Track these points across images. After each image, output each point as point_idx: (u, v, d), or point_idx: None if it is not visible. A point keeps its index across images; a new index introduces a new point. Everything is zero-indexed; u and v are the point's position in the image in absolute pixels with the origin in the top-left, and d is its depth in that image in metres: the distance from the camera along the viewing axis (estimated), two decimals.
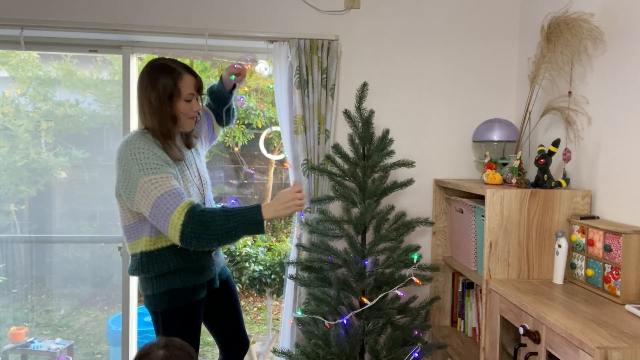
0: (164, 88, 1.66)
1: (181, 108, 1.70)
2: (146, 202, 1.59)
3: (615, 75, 1.76)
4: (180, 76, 1.68)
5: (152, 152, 1.62)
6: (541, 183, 1.84)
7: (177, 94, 1.67)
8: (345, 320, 1.86)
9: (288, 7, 2.38)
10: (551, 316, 1.37)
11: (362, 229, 1.98)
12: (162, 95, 1.66)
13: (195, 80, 1.72)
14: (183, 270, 1.73)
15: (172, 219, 1.56)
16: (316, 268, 2.00)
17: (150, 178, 1.59)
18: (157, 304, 1.73)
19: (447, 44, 2.47)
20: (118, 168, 1.65)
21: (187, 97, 1.70)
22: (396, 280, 1.91)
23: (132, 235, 1.72)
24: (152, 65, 1.70)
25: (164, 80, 1.66)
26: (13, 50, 2.39)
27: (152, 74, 1.67)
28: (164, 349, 1.38)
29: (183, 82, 1.68)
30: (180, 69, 1.70)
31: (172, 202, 1.57)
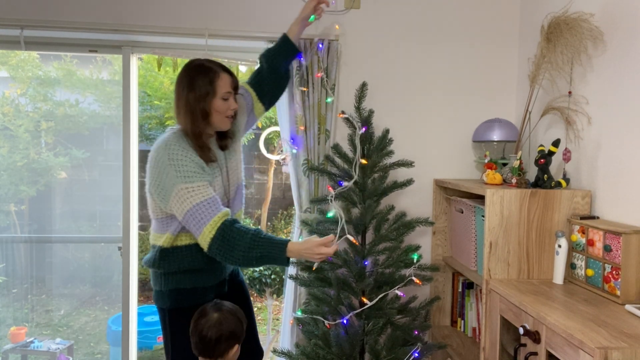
0: (201, 87, 1.67)
1: (218, 107, 1.70)
2: (180, 208, 1.62)
3: (615, 75, 1.76)
4: (217, 74, 1.69)
5: (190, 159, 1.64)
6: (541, 183, 1.84)
7: (214, 93, 1.68)
8: (345, 320, 1.86)
9: (288, 7, 2.38)
10: (551, 316, 1.37)
11: (362, 229, 1.98)
12: (200, 94, 1.67)
13: (232, 79, 1.73)
14: (193, 271, 1.74)
15: (204, 231, 1.60)
16: (316, 268, 2.00)
17: (187, 186, 1.61)
18: (165, 300, 1.74)
19: (447, 44, 2.47)
20: (152, 167, 1.67)
21: (224, 95, 1.71)
22: (396, 280, 1.91)
23: (159, 228, 1.74)
24: (190, 65, 1.72)
25: (201, 80, 1.67)
26: (13, 50, 2.39)
27: (189, 74, 1.69)
28: (218, 312, 1.58)
29: (220, 81, 1.69)
30: (216, 67, 1.71)
31: (207, 212, 1.60)
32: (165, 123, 4.75)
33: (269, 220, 4.97)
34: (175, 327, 1.74)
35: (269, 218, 4.87)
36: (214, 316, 1.58)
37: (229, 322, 1.59)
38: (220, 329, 1.56)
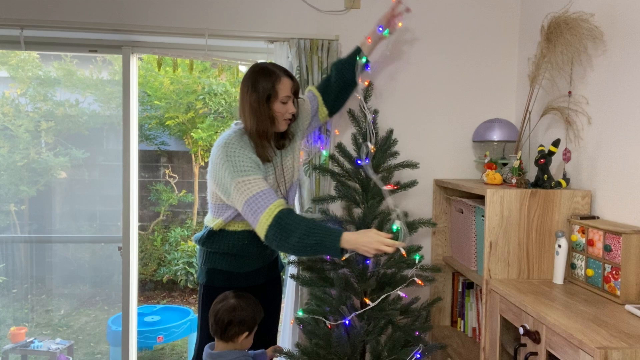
0: (264, 89, 1.77)
1: (277, 109, 1.80)
2: (240, 200, 1.70)
3: (615, 75, 1.76)
4: (278, 78, 1.78)
5: (247, 156, 1.74)
6: (541, 183, 1.84)
7: (275, 96, 1.78)
8: (346, 321, 1.86)
9: (288, 7, 2.38)
10: (551, 316, 1.37)
11: (364, 228, 1.98)
12: (262, 96, 1.76)
13: (293, 83, 1.82)
14: (230, 255, 1.85)
15: (261, 219, 1.67)
16: (318, 268, 2.00)
17: (243, 179, 1.70)
18: (201, 276, 1.90)
19: (447, 44, 2.47)
20: (213, 162, 1.78)
21: (284, 99, 1.79)
22: (398, 281, 1.91)
23: (214, 212, 1.85)
24: (254, 68, 1.81)
25: (263, 82, 1.77)
26: (13, 50, 2.39)
27: (253, 77, 1.79)
28: (235, 299, 1.71)
29: (281, 85, 1.78)
30: (279, 71, 1.80)
31: (262, 203, 1.68)
32: (165, 123, 4.76)
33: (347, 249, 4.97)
34: (207, 303, 1.85)
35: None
36: (230, 302, 1.71)
37: (243, 310, 1.69)
38: (233, 315, 1.68)
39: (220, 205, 1.82)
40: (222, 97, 4.69)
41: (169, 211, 5.01)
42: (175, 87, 4.69)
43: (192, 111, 4.72)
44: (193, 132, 4.70)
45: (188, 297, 4.81)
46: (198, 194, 5.08)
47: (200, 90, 4.67)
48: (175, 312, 4.24)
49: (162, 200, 4.87)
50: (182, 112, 4.73)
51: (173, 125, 4.79)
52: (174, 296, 4.85)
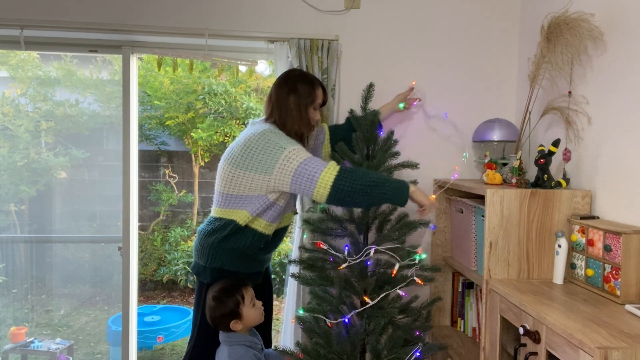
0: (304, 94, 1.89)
1: (310, 114, 1.92)
2: (288, 169, 1.73)
3: (615, 75, 1.76)
4: (316, 86, 1.93)
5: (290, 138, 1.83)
6: (541, 183, 1.84)
7: (312, 102, 1.91)
8: (346, 320, 1.86)
9: (288, 7, 2.38)
10: (551, 316, 1.37)
11: (364, 228, 1.98)
12: (302, 99, 1.89)
13: (324, 94, 1.98)
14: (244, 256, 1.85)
15: (321, 178, 1.71)
16: (318, 267, 2.00)
17: (294, 148, 1.76)
18: (207, 275, 1.86)
19: (447, 43, 2.47)
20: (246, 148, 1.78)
21: (316, 106, 1.94)
22: (398, 280, 1.91)
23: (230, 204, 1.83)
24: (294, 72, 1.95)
25: (304, 87, 1.90)
26: (13, 50, 2.39)
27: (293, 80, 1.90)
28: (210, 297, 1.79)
29: (317, 92, 1.93)
30: (315, 81, 1.95)
31: (317, 165, 1.73)
32: (165, 123, 4.75)
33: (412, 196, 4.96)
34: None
35: None
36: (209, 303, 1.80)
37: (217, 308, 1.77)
38: (214, 313, 1.78)
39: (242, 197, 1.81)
40: (222, 97, 4.69)
41: (169, 211, 5.01)
42: (175, 87, 4.69)
43: (192, 111, 4.72)
44: (193, 132, 4.70)
45: (188, 297, 4.81)
46: (198, 194, 5.08)
47: (200, 90, 4.67)
48: (175, 312, 4.25)
49: (162, 200, 4.87)
50: (182, 112, 4.73)
51: (173, 125, 4.79)
52: (174, 296, 4.85)
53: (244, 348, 1.77)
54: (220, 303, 1.76)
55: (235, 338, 1.79)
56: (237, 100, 4.73)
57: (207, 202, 5.13)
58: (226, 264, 1.84)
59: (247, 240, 1.83)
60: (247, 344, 1.79)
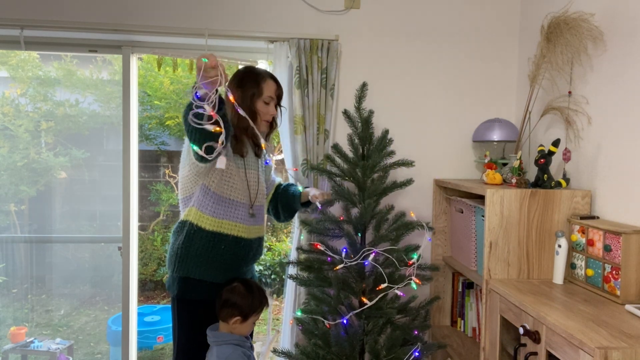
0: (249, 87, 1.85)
1: (260, 108, 1.87)
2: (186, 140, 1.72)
3: (615, 75, 1.76)
4: (263, 78, 1.88)
5: None
6: (541, 183, 1.84)
7: (259, 94, 1.86)
8: (345, 320, 1.86)
9: (288, 7, 2.38)
10: (551, 316, 1.37)
11: (361, 228, 1.98)
12: (246, 93, 1.84)
13: (277, 87, 1.91)
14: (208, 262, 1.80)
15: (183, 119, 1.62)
16: (316, 268, 2.00)
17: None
18: (174, 286, 1.82)
19: (447, 43, 2.47)
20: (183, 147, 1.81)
21: (266, 99, 1.87)
22: (396, 280, 1.91)
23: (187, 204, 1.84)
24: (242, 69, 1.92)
25: (248, 81, 1.86)
26: (13, 50, 2.39)
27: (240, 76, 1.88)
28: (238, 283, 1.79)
29: (265, 85, 1.87)
30: (264, 74, 1.90)
31: None
32: (165, 123, 4.75)
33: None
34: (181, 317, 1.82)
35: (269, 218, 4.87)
36: (234, 284, 1.79)
37: (240, 295, 1.76)
38: (230, 295, 1.76)
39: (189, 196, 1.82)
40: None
41: (169, 211, 5.01)
42: (175, 87, 4.68)
43: None
44: None
45: None
46: None
47: None
48: None
49: (162, 200, 4.87)
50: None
51: (173, 125, 4.78)
52: None
53: (231, 347, 1.76)
54: (248, 294, 1.77)
55: (222, 337, 1.77)
56: None
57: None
58: (192, 271, 1.79)
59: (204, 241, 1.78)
60: (235, 342, 1.77)
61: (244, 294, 1.77)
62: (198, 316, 1.80)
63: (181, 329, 1.82)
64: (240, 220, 1.84)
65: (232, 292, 1.77)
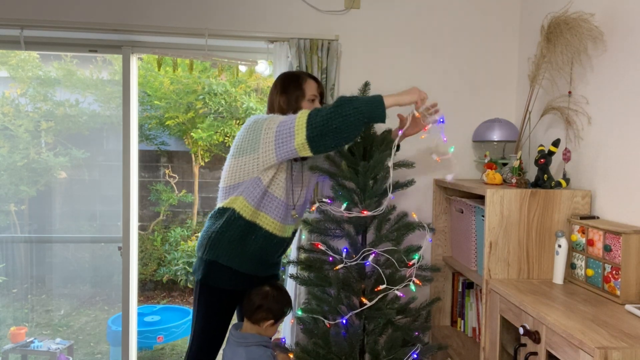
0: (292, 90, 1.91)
1: (306, 107, 1.90)
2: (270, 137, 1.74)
3: (615, 76, 1.76)
4: (304, 79, 1.94)
5: None
6: (541, 183, 1.84)
7: (302, 95, 1.91)
8: (344, 320, 1.86)
9: (288, 7, 2.38)
10: (551, 316, 1.37)
11: (362, 229, 1.98)
12: (290, 97, 1.91)
13: (318, 85, 1.96)
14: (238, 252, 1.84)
15: (296, 125, 1.69)
16: (316, 267, 2.00)
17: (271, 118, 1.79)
18: (200, 270, 1.85)
19: (447, 43, 2.47)
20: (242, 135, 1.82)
21: (310, 97, 1.93)
22: (396, 280, 1.91)
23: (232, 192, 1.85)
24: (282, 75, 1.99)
25: (291, 85, 1.93)
26: (13, 50, 2.39)
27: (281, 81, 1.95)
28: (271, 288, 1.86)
29: (307, 84, 1.93)
30: (304, 75, 1.97)
31: (290, 118, 1.73)
32: (165, 123, 4.76)
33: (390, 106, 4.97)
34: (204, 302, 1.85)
35: None
36: (265, 288, 1.84)
37: (273, 300, 1.83)
38: (264, 301, 1.82)
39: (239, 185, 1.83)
40: (222, 97, 4.69)
41: (169, 211, 5.01)
42: (175, 87, 4.69)
43: (192, 111, 4.72)
44: (193, 132, 4.70)
45: (188, 297, 4.81)
46: (198, 194, 5.08)
47: (200, 90, 4.67)
48: (175, 312, 4.25)
49: (162, 200, 4.87)
50: (182, 112, 4.73)
51: (173, 125, 4.79)
52: (174, 296, 4.85)
53: (261, 348, 1.79)
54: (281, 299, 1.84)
55: (252, 339, 1.80)
56: (237, 100, 4.73)
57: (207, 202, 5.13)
58: (221, 256, 1.83)
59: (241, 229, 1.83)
60: (264, 344, 1.81)
61: (277, 299, 1.83)
62: (218, 304, 1.85)
63: (199, 314, 1.86)
64: (279, 218, 1.89)
65: (265, 298, 1.82)
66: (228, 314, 1.87)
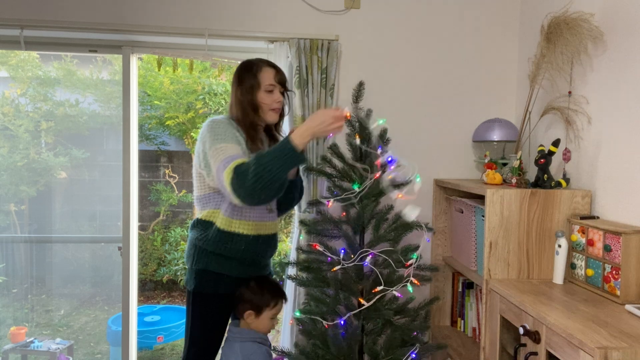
0: (247, 81, 1.80)
1: (262, 99, 1.81)
2: (214, 167, 1.69)
3: (615, 75, 1.76)
4: (259, 68, 1.81)
5: (230, 131, 1.75)
6: (541, 183, 1.84)
7: (258, 86, 1.80)
8: (342, 321, 1.86)
9: (288, 7, 2.38)
10: (551, 316, 1.37)
11: (360, 229, 1.98)
12: (246, 88, 1.80)
13: (276, 72, 1.83)
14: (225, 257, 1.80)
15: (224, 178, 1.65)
16: (315, 268, 1.99)
17: (219, 146, 1.70)
18: (192, 280, 1.82)
19: (447, 43, 2.47)
20: (198, 146, 1.78)
21: (267, 87, 1.81)
22: (394, 281, 1.90)
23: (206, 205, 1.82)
24: (240, 65, 1.87)
25: (246, 75, 1.81)
26: (13, 50, 2.39)
27: (238, 72, 1.84)
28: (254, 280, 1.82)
29: (263, 74, 1.80)
30: (261, 63, 1.84)
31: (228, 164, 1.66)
32: (165, 123, 4.75)
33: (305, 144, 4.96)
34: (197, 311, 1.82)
35: None
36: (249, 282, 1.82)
37: (252, 290, 1.79)
38: (243, 291, 1.80)
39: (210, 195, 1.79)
40: (222, 97, 4.69)
41: (169, 211, 5.01)
42: (175, 87, 4.69)
43: (192, 111, 4.72)
44: (193, 132, 4.70)
45: None
46: None
47: (200, 90, 4.67)
48: (175, 312, 4.25)
49: (162, 200, 4.87)
50: (182, 112, 4.73)
51: (173, 125, 4.79)
52: (174, 296, 4.85)
53: (256, 344, 1.77)
54: (259, 290, 1.79)
55: (247, 334, 1.79)
56: None
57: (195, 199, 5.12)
58: (210, 264, 1.79)
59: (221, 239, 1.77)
60: (259, 340, 1.80)
61: (255, 289, 1.80)
62: (214, 310, 1.81)
63: (195, 323, 1.81)
64: (256, 218, 1.83)
65: (245, 289, 1.80)
66: (224, 318, 1.83)
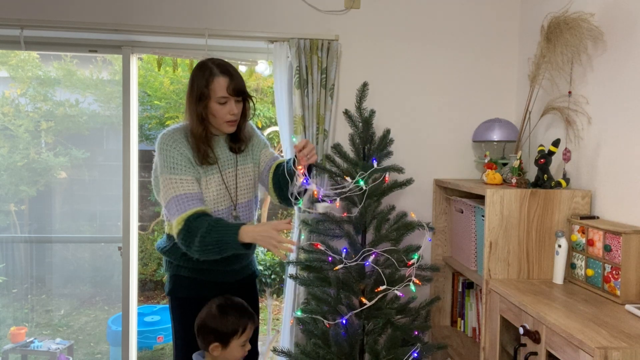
0: (197, 89, 1.63)
1: (215, 111, 1.65)
2: (164, 197, 1.66)
3: (615, 75, 1.76)
4: (212, 77, 1.62)
5: (178, 151, 1.65)
6: (541, 183, 1.84)
7: (208, 96, 1.63)
8: (344, 320, 1.86)
9: (288, 7, 2.38)
10: (551, 316, 1.37)
11: (362, 228, 1.98)
12: (195, 96, 1.64)
13: (230, 82, 1.62)
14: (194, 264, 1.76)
15: (174, 224, 1.62)
16: (316, 267, 2.00)
17: (170, 177, 1.63)
18: (168, 284, 1.83)
19: (447, 43, 2.47)
20: (155, 158, 1.73)
21: (220, 99, 1.63)
22: (396, 280, 1.91)
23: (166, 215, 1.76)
24: (196, 65, 1.70)
25: (198, 81, 1.64)
26: (13, 50, 2.39)
27: (192, 74, 1.67)
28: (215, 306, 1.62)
29: (214, 84, 1.62)
30: (215, 69, 1.63)
31: (180, 206, 1.61)
32: (165, 123, 4.75)
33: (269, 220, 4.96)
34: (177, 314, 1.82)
35: (269, 218, 4.87)
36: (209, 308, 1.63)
37: (214, 319, 1.59)
38: (201, 322, 1.62)
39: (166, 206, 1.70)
40: None
41: None
42: (175, 87, 4.68)
43: None
44: None
45: None
46: None
47: None
48: None
49: None
50: (182, 112, 4.72)
51: None
52: None
53: None
54: (222, 317, 1.59)
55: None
56: None
57: None
58: (181, 270, 1.77)
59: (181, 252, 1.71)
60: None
61: (216, 316, 1.58)
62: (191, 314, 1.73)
63: (175, 328, 1.83)
64: None
65: (205, 316, 1.60)
66: None
